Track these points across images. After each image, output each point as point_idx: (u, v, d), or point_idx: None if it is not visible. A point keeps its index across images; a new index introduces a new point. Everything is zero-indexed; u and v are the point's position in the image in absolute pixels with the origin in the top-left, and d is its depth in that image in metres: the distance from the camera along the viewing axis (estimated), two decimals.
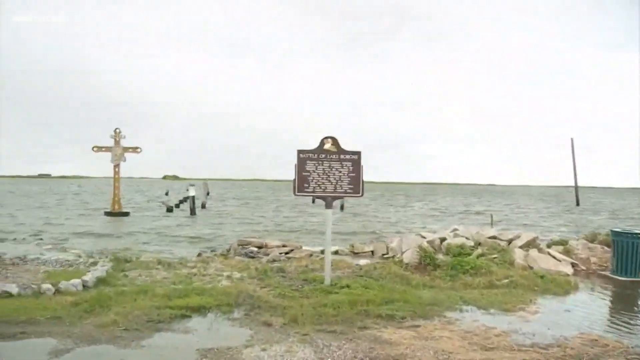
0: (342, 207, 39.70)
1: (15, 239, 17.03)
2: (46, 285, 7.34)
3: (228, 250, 13.12)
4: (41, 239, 17.33)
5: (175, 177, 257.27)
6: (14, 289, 7.13)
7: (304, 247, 13.30)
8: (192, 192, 33.06)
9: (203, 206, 38.81)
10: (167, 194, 70.25)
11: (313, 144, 8.41)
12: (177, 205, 40.04)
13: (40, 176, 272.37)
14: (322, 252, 13.97)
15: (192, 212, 32.40)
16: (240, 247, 13.07)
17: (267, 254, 12.08)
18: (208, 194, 44.11)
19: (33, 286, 7.29)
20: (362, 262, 11.16)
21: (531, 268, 10.30)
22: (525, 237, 12.09)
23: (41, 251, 12.80)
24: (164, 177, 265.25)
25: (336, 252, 12.55)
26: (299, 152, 8.40)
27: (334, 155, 8.37)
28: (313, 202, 48.10)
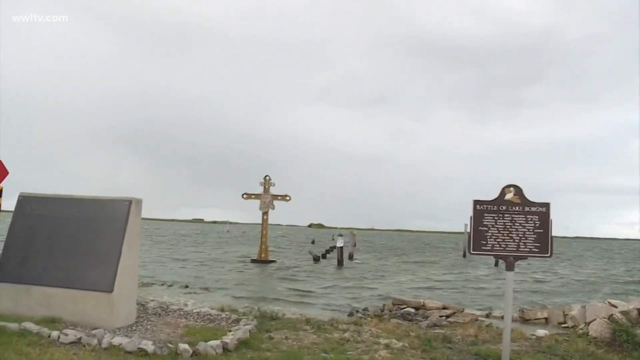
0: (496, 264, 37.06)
1: (162, 284, 17.50)
2: (183, 346, 6.71)
3: (382, 311, 12.22)
4: (186, 286, 17.70)
5: (321, 226, 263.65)
6: (150, 346, 6.57)
7: (466, 311, 12.01)
8: (340, 243, 32.78)
9: (350, 257, 38.44)
10: (313, 242, 71.72)
11: (461, 195, 7.12)
12: (324, 256, 40.16)
13: (194, 220, 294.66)
14: (487, 316, 12.60)
15: (340, 263, 32.06)
16: (396, 307, 12.11)
17: (426, 317, 10.98)
18: (355, 244, 43.83)
19: (170, 345, 6.76)
20: (540, 332, 9.63)
21: None
22: None
23: (185, 300, 12.86)
24: (310, 225, 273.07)
25: (501, 318, 11.06)
26: (476, 202, 7.02)
27: (517, 207, 6.95)
28: (464, 255, 45.94)
